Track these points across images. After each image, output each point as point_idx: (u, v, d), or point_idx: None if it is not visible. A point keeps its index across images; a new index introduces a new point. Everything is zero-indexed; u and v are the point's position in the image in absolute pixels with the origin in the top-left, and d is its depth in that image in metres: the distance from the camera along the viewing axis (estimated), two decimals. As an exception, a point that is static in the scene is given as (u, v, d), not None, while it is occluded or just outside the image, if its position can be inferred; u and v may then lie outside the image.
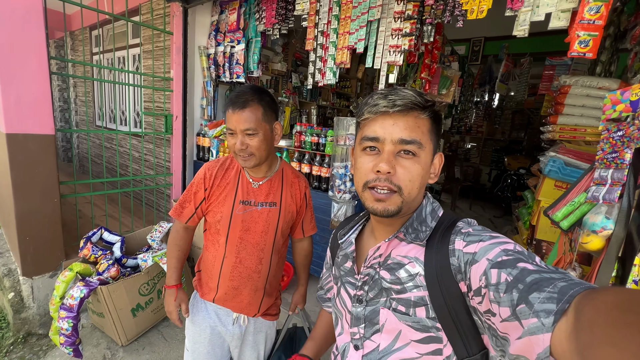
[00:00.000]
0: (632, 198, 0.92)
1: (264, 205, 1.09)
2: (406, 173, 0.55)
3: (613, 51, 2.31)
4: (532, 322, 0.36)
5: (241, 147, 0.98)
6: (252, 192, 1.09)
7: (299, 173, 1.22)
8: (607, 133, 0.99)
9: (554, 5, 1.36)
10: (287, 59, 4.01)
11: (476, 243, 0.50)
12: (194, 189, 1.11)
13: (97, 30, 2.37)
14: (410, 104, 0.55)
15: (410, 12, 1.81)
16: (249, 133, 0.98)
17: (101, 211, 3.20)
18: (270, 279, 1.15)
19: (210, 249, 1.14)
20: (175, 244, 1.19)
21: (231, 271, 1.10)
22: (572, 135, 1.97)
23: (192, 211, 1.12)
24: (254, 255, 1.10)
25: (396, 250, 0.60)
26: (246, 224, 1.08)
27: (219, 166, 1.11)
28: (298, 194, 1.16)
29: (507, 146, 5.93)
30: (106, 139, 4.36)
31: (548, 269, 0.41)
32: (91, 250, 2.04)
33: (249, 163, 1.02)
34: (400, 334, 0.57)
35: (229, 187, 1.09)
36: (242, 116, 0.97)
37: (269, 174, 1.12)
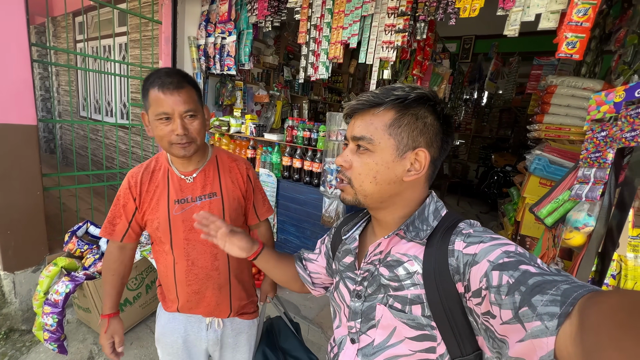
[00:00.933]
0: (613, 196, 0.96)
1: (203, 199, 1.01)
2: (357, 167, 0.58)
3: (598, 53, 2.37)
4: (536, 325, 0.36)
5: (183, 132, 0.87)
6: (187, 188, 1.00)
7: (237, 156, 1.13)
8: (592, 133, 1.02)
9: (544, 6, 1.38)
10: (279, 52, 3.97)
11: (477, 244, 0.50)
12: (122, 201, 1.00)
13: (81, 17, 2.27)
14: (367, 103, 0.57)
15: (404, 9, 1.81)
16: (191, 114, 0.89)
17: (86, 204, 3.11)
18: (234, 273, 1.07)
19: (160, 261, 1.05)
20: (108, 268, 1.06)
21: (186, 276, 1.01)
22: (557, 134, 2.02)
23: (125, 226, 1.01)
24: (207, 253, 1.01)
25: (396, 247, 0.60)
26: (188, 222, 0.98)
27: (143, 170, 1.01)
28: (240, 178, 1.08)
29: (494, 144, 6.05)
30: (91, 130, 4.23)
31: (550, 272, 0.41)
32: (77, 244, 1.99)
33: (190, 150, 0.92)
34: (395, 331, 0.57)
35: (160, 190, 0.99)
36: (181, 97, 0.87)
37: (201, 165, 1.03)
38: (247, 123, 2.51)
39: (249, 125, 2.50)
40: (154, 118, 0.88)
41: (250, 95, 3.54)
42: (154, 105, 0.87)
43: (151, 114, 0.89)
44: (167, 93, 0.85)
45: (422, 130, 0.57)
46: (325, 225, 2.07)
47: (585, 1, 1.27)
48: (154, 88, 0.86)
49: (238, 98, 3.27)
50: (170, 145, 0.90)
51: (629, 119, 0.90)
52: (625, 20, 1.75)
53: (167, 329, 1.09)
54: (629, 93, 0.91)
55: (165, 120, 0.87)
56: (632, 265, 0.97)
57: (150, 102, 0.88)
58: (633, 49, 1.50)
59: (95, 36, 3.85)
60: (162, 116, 0.87)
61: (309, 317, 2.09)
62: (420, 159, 0.57)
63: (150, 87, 0.87)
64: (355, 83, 5.75)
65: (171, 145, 0.90)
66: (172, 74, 0.88)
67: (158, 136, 0.90)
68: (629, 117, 0.90)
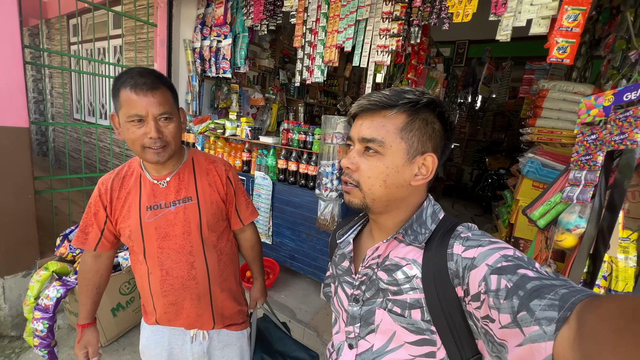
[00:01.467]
0: (603, 198, 0.97)
1: (178, 204, 0.95)
2: (366, 170, 0.57)
3: (588, 58, 2.42)
4: (534, 329, 0.36)
5: (157, 136, 0.82)
6: (160, 193, 0.94)
7: (216, 157, 1.07)
8: (582, 136, 1.04)
9: (535, 12, 1.41)
10: (274, 55, 3.98)
11: (475, 248, 0.50)
12: (93, 209, 0.95)
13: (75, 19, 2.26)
14: (379, 104, 0.55)
15: (398, 13, 1.83)
16: (165, 117, 0.84)
17: (79, 208, 3.07)
18: (215, 282, 1.01)
19: (136, 270, 1.01)
20: (83, 277, 1.01)
21: (161, 286, 0.96)
22: (549, 138, 2.05)
23: (97, 235, 0.96)
24: (182, 262, 0.95)
25: (394, 251, 0.60)
26: (162, 230, 0.93)
27: (114, 177, 0.96)
28: (218, 180, 1.01)
29: (488, 147, 6.12)
30: (85, 133, 4.19)
31: (548, 276, 0.41)
32: (68, 248, 1.97)
33: (163, 156, 0.86)
34: (395, 335, 0.57)
35: (131, 196, 0.94)
36: (155, 99, 0.81)
37: (176, 168, 0.97)
38: (243, 126, 2.51)
39: (244, 128, 2.50)
40: (125, 120, 0.82)
41: (246, 98, 3.54)
42: (125, 106, 0.81)
43: (122, 116, 0.83)
44: (140, 94, 0.80)
45: (430, 136, 0.57)
46: (320, 228, 2.06)
47: (575, 7, 1.30)
48: (125, 88, 0.80)
49: (234, 101, 3.26)
50: (142, 150, 0.84)
51: (617, 122, 0.91)
52: (614, 26, 1.79)
53: (150, 341, 1.04)
54: (618, 97, 0.93)
55: (137, 122, 0.82)
56: (622, 267, 0.98)
57: (121, 103, 0.82)
58: (621, 54, 1.53)
59: (89, 38, 3.83)
60: (134, 118, 0.81)
61: (305, 320, 2.07)
62: (428, 164, 0.58)
63: (121, 87, 0.81)
64: (351, 86, 5.79)
65: (144, 150, 0.84)
66: (145, 73, 0.82)
67: (129, 139, 0.84)
68: (617, 121, 0.92)
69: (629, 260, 0.98)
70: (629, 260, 0.98)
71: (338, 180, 1.94)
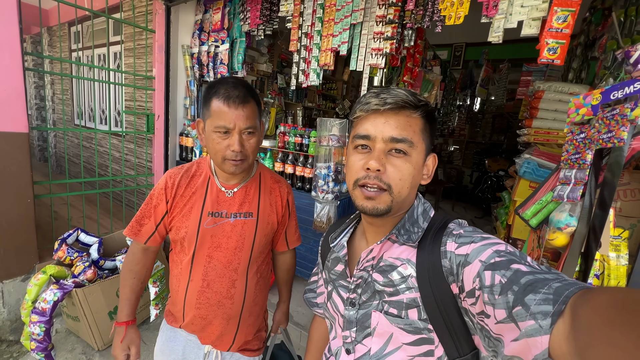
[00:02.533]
0: (593, 196, 0.97)
1: (238, 217, 0.93)
2: (396, 171, 0.55)
3: (584, 59, 2.43)
4: (529, 324, 0.36)
5: (239, 149, 0.82)
6: (224, 201, 0.93)
7: (280, 177, 1.07)
8: (571, 135, 1.04)
9: (526, 13, 1.42)
10: (272, 60, 4.02)
11: (468, 245, 0.50)
12: (154, 201, 0.93)
13: (76, 27, 2.30)
14: (401, 102, 0.55)
15: (392, 17, 1.85)
16: (250, 131, 0.84)
17: (78, 212, 3.09)
18: (248, 306, 0.97)
19: (174, 271, 0.98)
20: (130, 269, 0.98)
21: (197, 298, 0.92)
22: (546, 138, 2.05)
23: (152, 229, 0.94)
24: (225, 277, 0.93)
25: (388, 252, 0.60)
26: (216, 239, 0.92)
27: (183, 173, 0.95)
28: (279, 202, 1.00)
29: (488, 149, 6.12)
30: (85, 138, 4.23)
31: (541, 270, 0.41)
32: (66, 252, 1.98)
33: (241, 168, 0.87)
34: (392, 338, 0.56)
35: (196, 197, 0.93)
36: (245, 112, 0.82)
37: (244, 180, 0.96)
38: (240, 130, 2.53)
39: (241, 132, 2.52)
40: (211, 129, 0.83)
41: (244, 102, 3.57)
42: (215, 116, 0.82)
43: (209, 125, 0.84)
44: (231, 106, 0.81)
45: (432, 137, 0.60)
46: (317, 230, 2.07)
47: (564, 8, 1.31)
48: (218, 98, 0.81)
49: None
50: (223, 161, 0.85)
51: (605, 121, 0.92)
52: (606, 27, 1.80)
53: (166, 347, 1.01)
54: (605, 96, 0.94)
55: (223, 134, 0.83)
56: (614, 265, 0.98)
57: (211, 112, 0.82)
58: (612, 54, 1.54)
59: (90, 45, 3.89)
60: (222, 130, 0.82)
61: (302, 323, 2.07)
62: (429, 164, 0.60)
63: (214, 96, 0.82)
64: (350, 90, 5.82)
65: (224, 161, 0.85)
66: (238, 85, 0.83)
67: (212, 149, 0.85)
68: (605, 119, 0.92)
69: (621, 258, 0.99)
70: (621, 259, 0.98)
71: (334, 182, 1.95)
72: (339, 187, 2.03)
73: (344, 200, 2.11)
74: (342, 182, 2.06)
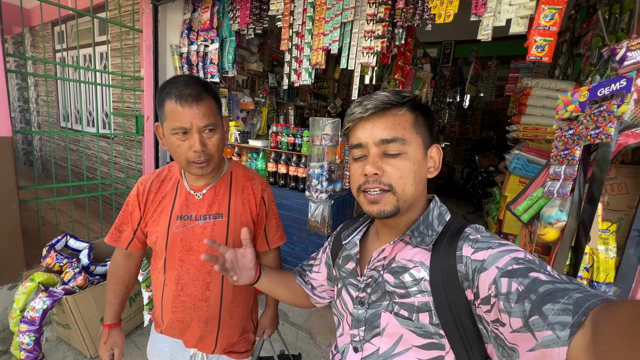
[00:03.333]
0: (582, 191, 1.00)
1: (207, 219, 0.92)
2: (395, 170, 0.55)
3: (569, 56, 2.48)
4: (547, 334, 0.35)
5: (201, 149, 0.80)
6: (194, 204, 0.92)
7: (254, 174, 1.03)
8: (560, 132, 1.06)
9: (514, 11, 1.44)
10: (263, 59, 3.98)
11: (485, 250, 0.49)
12: (130, 208, 0.95)
13: (60, 26, 2.24)
14: (382, 105, 0.55)
15: (382, 15, 1.85)
16: (210, 129, 0.82)
17: (67, 217, 3.02)
18: (227, 307, 0.97)
19: (153, 277, 0.99)
20: (113, 275, 1.01)
21: (173, 301, 0.92)
22: (534, 134, 2.09)
23: (130, 235, 0.95)
24: (199, 280, 0.92)
25: (401, 253, 0.59)
26: (187, 242, 0.91)
27: (154, 178, 0.95)
28: (252, 200, 0.98)
29: (478, 145, 6.20)
30: (72, 141, 4.13)
31: (561, 279, 0.40)
32: (55, 258, 1.93)
33: (207, 169, 0.85)
34: (402, 339, 0.56)
35: (165, 201, 0.92)
36: (200, 110, 0.79)
37: (214, 181, 0.95)
38: (232, 130, 2.51)
39: (233, 132, 2.49)
40: (169, 132, 0.81)
41: (235, 102, 3.53)
42: (170, 118, 0.79)
43: (166, 128, 0.81)
44: (185, 106, 0.77)
45: (429, 129, 0.59)
46: (312, 230, 2.06)
47: (551, 7, 1.33)
48: (170, 99, 0.78)
49: (223, 105, 3.25)
50: (188, 164, 0.83)
51: (592, 117, 0.94)
52: (591, 25, 1.84)
53: (155, 348, 1.02)
54: (592, 92, 0.96)
55: (182, 135, 0.80)
56: (603, 258, 1.01)
57: (165, 115, 0.80)
58: (598, 51, 1.57)
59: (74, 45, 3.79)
60: (179, 131, 0.79)
61: (298, 323, 2.07)
62: (434, 155, 0.60)
63: (166, 97, 0.79)
64: (341, 88, 5.82)
65: (189, 164, 0.83)
66: (190, 83, 0.80)
67: (174, 153, 0.83)
68: (592, 116, 0.94)
69: (609, 251, 1.01)
70: (609, 252, 1.01)
71: (327, 181, 1.95)
72: (333, 186, 2.03)
73: (338, 199, 2.11)
74: (335, 181, 2.06)
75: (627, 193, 1.09)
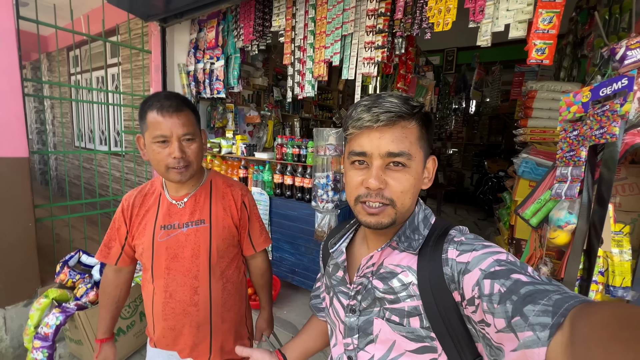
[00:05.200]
0: (591, 193, 0.97)
1: (190, 225, 0.96)
2: (397, 185, 0.54)
3: (574, 57, 2.46)
4: (528, 335, 0.36)
5: (180, 156, 0.85)
6: (176, 213, 0.96)
7: (234, 181, 1.08)
8: (565, 133, 1.05)
9: (512, 17, 1.45)
10: (267, 73, 4.07)
11: (469, 252, 0.50)
12: (116, 224, 0.99)
13: (74, 51, 2.36)
14: (394, 117, 0.53)
15: (381, 26, 1.88)
16: (188, 138, 0.88)
17: (80, 234, 3.09)
18: (217, 311, 0.99)
19: (144, 289, 1.02)
20: (104, 291, 1.04)
21: (163, 309, 0.95)
22: (542, 137, 2.06)
23: (118, 250, 0.99)
24: (186, 286, 0.95)
25: (389, 258, 0.59)
26: (172, 250, 0.94)
27: (137, 193, 1.00)
28: (233, 205, 1.02)
29: (486, 150, 6.12)
30: (85, 159, 4.26)
31: (542, 281, 0.41)
32: (68, 274, 1.97)
33: (186, 175, 0.90)
34: (395, 345, 0.56)
35: (149, 214, 0.96)
36: (180, 120, 0.85)
37: (194, 189, 0.99)
38: (238, 143, 2.55)
39: (239, 146, 2.54)
40: (150, 141, 0.86)
41: (241, 116, 3.61)
42: (151, 128, 0.85)
43: (148, 137, 0.87)
44: (165, 116, 0.84)
45: (430, 141, 0.59)
46: (318, 240, 2.06)
47: (549, 10, 1.33)
48: (152, 111, 0.85)
49: (230, 120, 3.32)
50: (167, 170, 0.88)
51: (596, 118, 0.93)
52: (593, 26, 1.83)
53: None
54: (594, 93, 0.95)
55: (162, 143, 0.86)
56: (618, 261, 0.97)
57: (147, 125, 0.86)
58: (599, 52, 1.56)
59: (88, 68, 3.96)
60: (160, 139, 0.85)
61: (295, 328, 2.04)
62: (430, 166, 0.60)
63: (148, 109, 0.85)
64: (345, 99, 5.88)
65: (168, 170, 0.88)
66: (171, 97, 0.87)
67: (154, 160, 0.88)
68: (596, 116, 0.93)
69: (624, 254, 0.98)
70: (624, 254, 0.98)
71: (333, 191, 1.95)
72: (339, 196, 2.04)
73: (344, 209, 2.11)
74: (341, 191, 2.06)
75: (639, 193, 1.06)
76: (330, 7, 2.03)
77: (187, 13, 2.43)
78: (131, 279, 1.09)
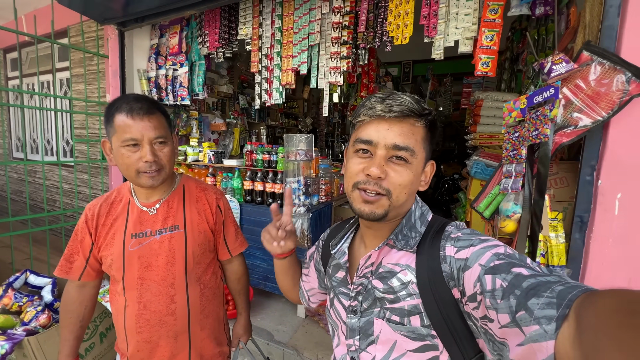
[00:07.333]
0: (531, 186, 1.13)
1: (164, 232, 0.92)
2: (397, 177, 0.55)
3: (512, 71, 2.79)
4: (534, 329, 0.36)
5: (152, 159, 0.82)
6: (147, 220, 0.92)
7: (208, 185, 1.05)
8: (508, 135, 1.21)
9: (460, 34, 1.64)
10: (232, 81, 4.04)
11: (467, 248, 0.50)
12: (79, 236, 0.93)
13: (12, 53, 2.15)
14: (407, 111, 0.54)
15: (346, 38, 2.00)
16: (160, 141, 0.85)
17: (23, 255, 2.78)
18: (196, 318, 0.95)
19: (113, 302, 0.96)
20: (66, 310, 0.96)
21: (136, 322, 0.90)
22: (489, 141, 2.30)
23: (82, 264, 0.93)
24: (162, 295, 0.90)
25: (387, 258, 0.59)
26: (145, 259, 0.90)
27: (102, 202, 0.94)
28: (208, 209, 0.99)
29: (441, 155, 6.59)
30: (28, 172, 3.85)
31: (542, 272, 0.42)
32: (13, 298, 1.77)
33: (158, 180, 0.86)
34: (396, 345, 0.56)
35: (118, 223, 0.92)
36: (151, 123, 0.82)
37: (166, 195, 0.95)
38: (205, 151, 2.50)
39: (207, 153, 2.49)
40: (119, 145, 0.82)
41: (206, 124, 3.53)
42: (120, 131, 0.81)
43: (116, 141, 0.82)
44: (136, 118, 0.80)
45: (432, 146, 0.61)
46: (291, 244, 2.08)
47: (490, 29, 1.53)
48: (121, 113, 0.80)
49: (194, 127, 3.24)
50: (137, 175, 0.84)
51: (532, 121, 1.09)
52: (525, 44, 2.11)
53: None
54: (529, 100, 1.11)
55: (132, 146, 0.82)
56: (555, 243, 1.14)
57: (115, 129, 0.81)
58: (532, 67, 1.81)
59: (30, 72, 3.62)
60: (130, 142, 0.81)
61: (283, 341, 2.03)
62: (427, 170, 0.61)
63: (116, 112, 0.81)
64: (310, 107, 5.99)
65: (139, 175, 0.84)
66: (141, 99, 0.84)
67: (123, 164, 0.83)
68: (532, 120, 1.09)
69: (559, 237, 1.14)
70: (559, 237, 1.14)
71: (304, 195, 2.00)
72: (310, 200, 2.08)
73: (315, 212, 2.16)
74: (312, 195, 2.11)
75: (567, 186, 1.25)
76: (296, 18, 2.10)
77: (148, 18, 2.36)
78: (96, 295, 1.01)
